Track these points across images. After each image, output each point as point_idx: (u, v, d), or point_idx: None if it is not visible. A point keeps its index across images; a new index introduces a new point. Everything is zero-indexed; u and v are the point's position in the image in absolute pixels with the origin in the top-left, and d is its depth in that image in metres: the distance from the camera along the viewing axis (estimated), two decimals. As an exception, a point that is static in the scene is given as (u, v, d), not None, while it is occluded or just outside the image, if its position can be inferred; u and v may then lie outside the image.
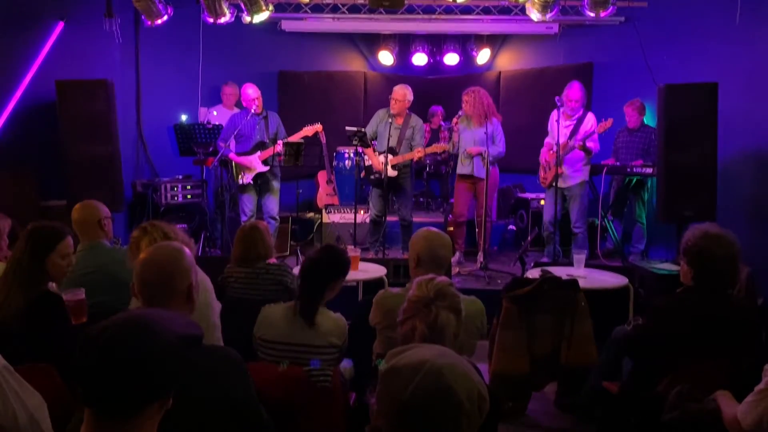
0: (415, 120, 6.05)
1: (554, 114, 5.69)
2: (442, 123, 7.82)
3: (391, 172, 5.86)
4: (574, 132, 5.71)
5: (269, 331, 2.63)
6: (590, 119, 5.72)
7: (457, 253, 6.09)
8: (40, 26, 5.76)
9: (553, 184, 5.69)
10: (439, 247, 2.77)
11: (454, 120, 5.90)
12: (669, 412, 2.38)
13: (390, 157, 5.83)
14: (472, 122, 5.84)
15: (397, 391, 1.22)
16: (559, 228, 5.77)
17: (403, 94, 5.91)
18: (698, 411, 2.31)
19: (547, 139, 5.96)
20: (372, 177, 6.06)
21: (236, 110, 6.52)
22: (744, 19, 5.27)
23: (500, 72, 8.21)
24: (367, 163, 6.08)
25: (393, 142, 5.88)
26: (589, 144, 5.63)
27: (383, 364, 1.31)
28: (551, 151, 5.79)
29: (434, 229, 2.94)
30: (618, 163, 6.09)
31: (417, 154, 5.85)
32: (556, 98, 5.60)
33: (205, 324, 2.55)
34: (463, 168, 5.96)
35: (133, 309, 2.23)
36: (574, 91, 5.71)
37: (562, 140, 5.61)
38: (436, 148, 6.08)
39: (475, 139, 5.82)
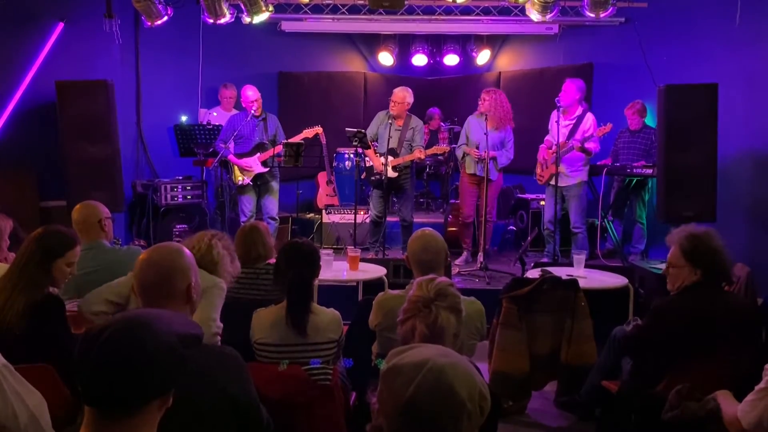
0: (415, 121, 6.05)
1: (554, 115, 5.69)
2: (442, 124, 7.83)
3: (392, 173, 5.86)
4: (572, 132, 5.71)
5: (267, 334, 2.64)
6: (589, 119, 5.71)
7: (465, 253, 6.10)
8: (40, 27, 5.76)
9: (550, 182, 5.68)
10: (425, 250, 2.75)
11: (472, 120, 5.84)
12: (668, 411, 2.38)
13: (390, 158, 5.83)
14: (486, 122, 5.66)
15: (398, 390, 1.22)
16: (559, 228, 5.77)
17: (402, 96, 5.91)
18: (698, 410, 2.31)
19: (548, 137, 5.95)
20: (373, 178, 6.06)
21: (235, 112, 6.53)
22: (744, 19, 5.27)
23: (500, 72, 8.21)
24: (367, 164, 6.08)
25: (393, 144, 5.88)
26: (589, 145, 5.63)
27: (384, 363, 1.31)
28: (549, 150, 5.79)
29: (429, 230, 2.92)
30: (617, 164, 6.09)
31: (417, 154, 5.84)
32: (557, 99, 5.60)
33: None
34: (473, 168, 5.91)
35: (132, 309, 2.23)
36: (568, 91, 5.71)
37: (560, 140, 5.61)
38: (437, 149, 6.07)
39: (489, 141, 5.72)
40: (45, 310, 2.49)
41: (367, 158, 6.05)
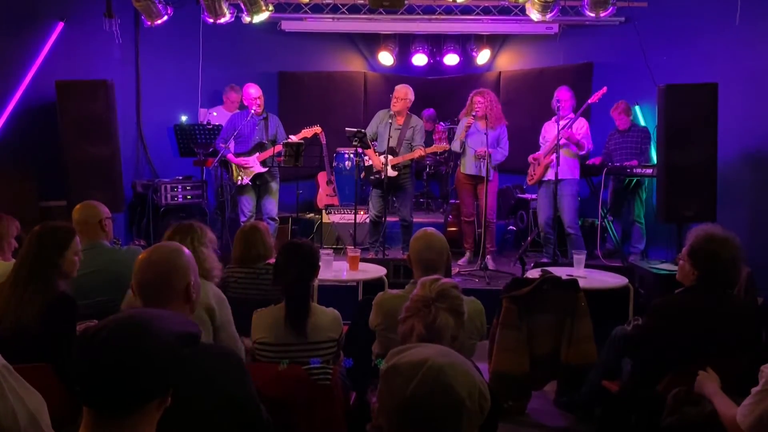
0: (416, 120, 6.05)
1: (550, 124, 5.73)
2: (442, 123, 7.82)
3: (391, 173, 5.85)
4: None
5: (267, 334, 2.64)
6: (582, 123, 5.71)
7: (468, 253, 6.08)
8: (40, 26, 5.76)
9: (543, 178, 5.68)
10: (428, 249, 2.74)
11: (469, 120, 5.79)
12: (668, 416, 2.38)
13: (390, 157, 5.82)
14: (481, 124, 5.76)
15: (398, 389, 1.22)
16: (555, 231, 5.74)
17: (404, 92, 5.92)
18: (696, 415, 2.31)
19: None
20: (372, 177, 6.06)
21: (237, 112, 6.53)
22: (744, 19, 5.27)
23: (500, 72, 8.21)
24: (367, 164, 6.07)
25: (393, 143, 5.88)
26: (582, 141, 5.60)
27: (384, 363, 1.31)
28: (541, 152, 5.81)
29: (430, 230, 2.90)
30: (616, 164, 6.08)
31: (418, 153, 5.84)
32: (555, 106, 5.56)
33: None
34: (470, 168, 5.92)
35: (131, 309, 2.23)
36: (562, 92, 5.71)
37: (554, 135, 5.58)
38: (437, 148, 6.07)
39: (483, 141, 5.76)
40: (61, 309, 2.50)
41: (366, 157, 6.04)
